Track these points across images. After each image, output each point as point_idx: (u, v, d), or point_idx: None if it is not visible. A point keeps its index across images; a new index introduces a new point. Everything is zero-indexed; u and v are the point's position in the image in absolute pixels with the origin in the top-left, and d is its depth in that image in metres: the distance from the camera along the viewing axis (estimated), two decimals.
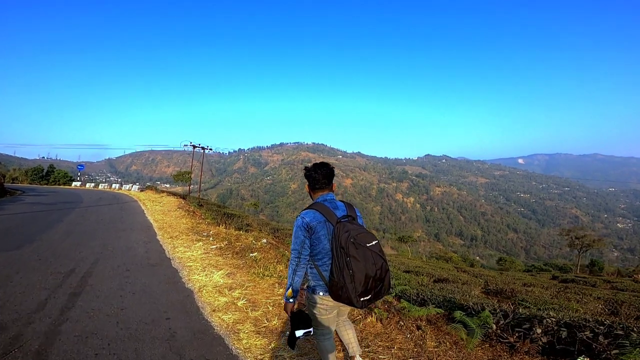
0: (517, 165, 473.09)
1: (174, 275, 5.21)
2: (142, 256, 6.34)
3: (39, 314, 3.54)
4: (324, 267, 2.12)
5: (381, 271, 2.05)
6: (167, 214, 13.16)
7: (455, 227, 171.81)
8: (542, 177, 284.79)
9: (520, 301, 8.55)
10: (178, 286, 4.72)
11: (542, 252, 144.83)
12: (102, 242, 7.34)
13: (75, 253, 6.26)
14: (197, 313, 3.81)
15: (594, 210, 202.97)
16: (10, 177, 41.56)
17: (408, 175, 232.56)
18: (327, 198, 2.26)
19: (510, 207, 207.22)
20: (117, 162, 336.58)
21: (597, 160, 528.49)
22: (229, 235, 8.73)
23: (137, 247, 7.08)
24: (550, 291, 14.09)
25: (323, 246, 2.11)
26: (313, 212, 2.16)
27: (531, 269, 38.98)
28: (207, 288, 4.65)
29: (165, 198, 21.24)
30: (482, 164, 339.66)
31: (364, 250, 2.00)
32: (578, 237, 40.53)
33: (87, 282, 4.68)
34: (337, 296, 2.06)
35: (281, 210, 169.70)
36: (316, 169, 2.28)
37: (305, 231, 2.11)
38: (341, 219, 2.12)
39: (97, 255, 6.16)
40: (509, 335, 3.04)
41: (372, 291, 2.04)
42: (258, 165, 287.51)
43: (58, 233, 8.08)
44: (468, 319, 3.39)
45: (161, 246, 7.34)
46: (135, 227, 9.84)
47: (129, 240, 7.87)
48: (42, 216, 10.99)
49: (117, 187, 36.96)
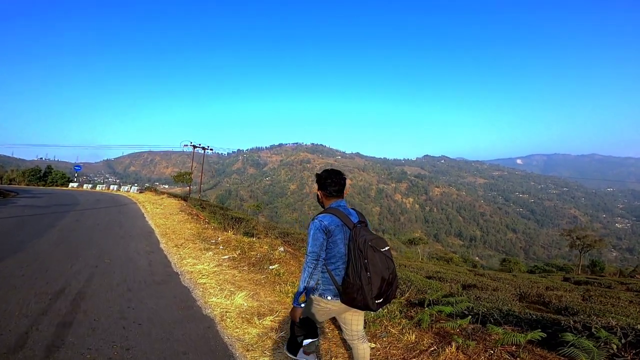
0: (515, 165, 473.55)
1: (186, 297, 4.30)
2: (146, 270, 5.42)
3: (17, 355, 2.63)
4: (337, 271, 2.11)
5: (392, 275, 2.08)
6: (169, 218, 12.23)
7: (455, 228, 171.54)
8: (541, 178, 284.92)
9: (564, 309, 7.72)
10: (194, 312, 3.81)
11: (541, 253, 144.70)
12: (98, 252, 6.41)
13: (66, 266, 5.34)
14: (226, 354, 2.90)
15: (593, 211, 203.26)
16: (8, 178, 41.26)
17: (407, 175, 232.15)
18: (340, 204, 2.26)
19: (509, 207, 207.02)
20: (115, 163, 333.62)
21: (595, 161, 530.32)
22: (241, 242, 7.83)
23: (139, 259, 6.16)
24: (574, 295, 13.32)
25: (338, 250, 2.11)
26: (330, 216, 2.16)
27: (534, 269, 38.62)
28: (231, 315, 3.75)
29: (166, 200, 20.30)
30: (481, 164, 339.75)
31: (379, 254, 2.03)
32: (579, 238, 40.89)
33: (80, 306, 3.78)
34: (351, 299, 2.03)
35: (280, 211, 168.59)
36: (334, 177, 2.26)
37: (323, 233, 2.10)
38: (357, 224, 2.14)
39: (92, 269, 5.24)
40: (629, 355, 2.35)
41: (385, 294, 2.06)
42: (257, 166, 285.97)
43: (48, 241, 7.15)
44: (586, 341, 2.64)
45: (166, 257, 6.43)
46: (136, 233, 8.91)
47: (128, 249, 6.94)
48: (33, 221, 10.04)
49: (115, 189, 35.89)
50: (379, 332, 3.44)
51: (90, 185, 40.00)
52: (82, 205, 16.06)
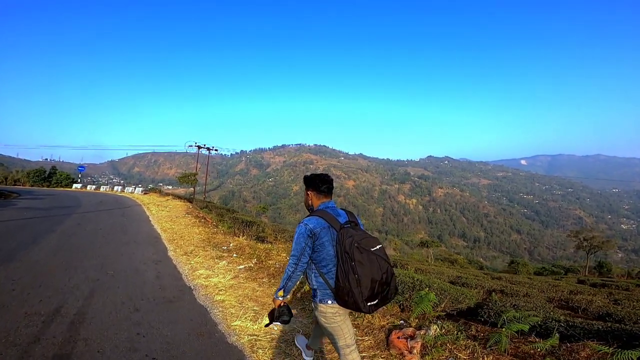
0: (519, 166, 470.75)
1: (204, 319, 3.64)
2: (154, 284, 4.77)
3: None
4: (330, 274, 2.07)
5: (387, 275, 2.00)
6: (175, 221, 11.58)
7: (458, 229, 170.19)
8: (545, 178, 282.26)
9: (607, 315, 7.03)
10: (217, 341, 3.15)
11: (546, 254, 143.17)
12: (99, 262, 5.77)
13: (63, 279, 4.70)
14: None
15: (598, 211, 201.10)
16: (13, 179, 41.14)
17: (410, 176, 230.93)
18: (328, 205, 2.22)
19: (513, 208, 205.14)
20: (120, 164, 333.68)
21: (600, 161, 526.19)
22: (255, 249, 7.16)
23: (146, 270, 5.51)
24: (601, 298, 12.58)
25: (327, 252, 2.07)
26: (316, 218, 2.11)
27: (542, 271, 37.96)
28: (262, 344, 3.10)
29: (171, 202, 19.67)
30: (485, 165, 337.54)
31: (368, 254, 1.96)
32: (586, 239, 40.22)
33: (79, 332, 3.14)
34: (343, 302, 2.00)
35: (283, 212, 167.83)
36: (322, 176, 2.28)
37: (307, 238, 2.06)
38: (344, 224, 2.09)
39: (93, 284, 4.60)
40: None
41: (379, 295, 1.99)
42: (260, 167, 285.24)
43: (45, 248, 6.51)
44: None
45: (176, 268, 5.77)
46: (141, 239, 8.26)
47: (134, 258, 6.29)
48: (31, 225, 9.41)
49: (119, 190, 35.29)
50: (443, 358, 2.78)
51: (94, 187, 39.56)
52: (84, 207, 15.46)
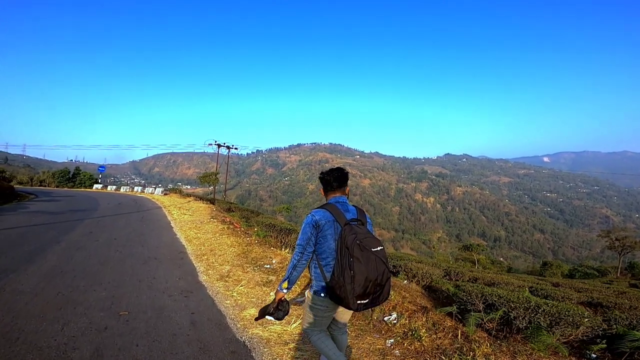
0: (542, 163, 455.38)
1: None
2: (189, 339, 3.09)
3: None
4: (328, 267, 2.07)
5: (382, 277, 1.99)
6: (200, 228, 10.01)
7: (478, 228, 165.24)
8: (570, 176, 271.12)
9: None
10: None
11: (570, 254, 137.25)
12: (110, 294, 4.16)
13: (54, 328, 3.11)
14: None
15: (626, 210, 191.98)
16: (38, 180, 41.59)
17: (427, 175, 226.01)
18: (339, 200, 2.23)
19: (536, 207, 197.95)
20: (141, 165, 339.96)
21: (627, 158, 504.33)
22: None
23: (173, 309, 3.83)
24: None
25: (328, 245, 2.08)
26: (323, 211, 2.14)
27: (573, 272, 35.83)
28: None
29: (193, 204, 18.22)
30: (505, 162, 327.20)
31: (368, 253, 1.95)
32: (618, 239, 37.62)
33: None
34: (334, 295, 2.01)
35: (299, 211, 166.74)
36: (329, 172, 2.29)
37: (313, 228, 2.09)
38: (350, 221, 2.09)
39: (97, 337, 2.98)
40: None
41: (371, 295, 1.98)
42: (276, 166, 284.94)
43: (40, 271, 4.94)
44: None
45: (215, 305, 4.05)
46: (163, 255, 6.63)
47: (156, 286, 4.63)
48: (36, 234, 7.99)
49: (139, 190, 34.40)
50: None
51: (114, 187, 39.09)
52: (100, 210, 14.15)
